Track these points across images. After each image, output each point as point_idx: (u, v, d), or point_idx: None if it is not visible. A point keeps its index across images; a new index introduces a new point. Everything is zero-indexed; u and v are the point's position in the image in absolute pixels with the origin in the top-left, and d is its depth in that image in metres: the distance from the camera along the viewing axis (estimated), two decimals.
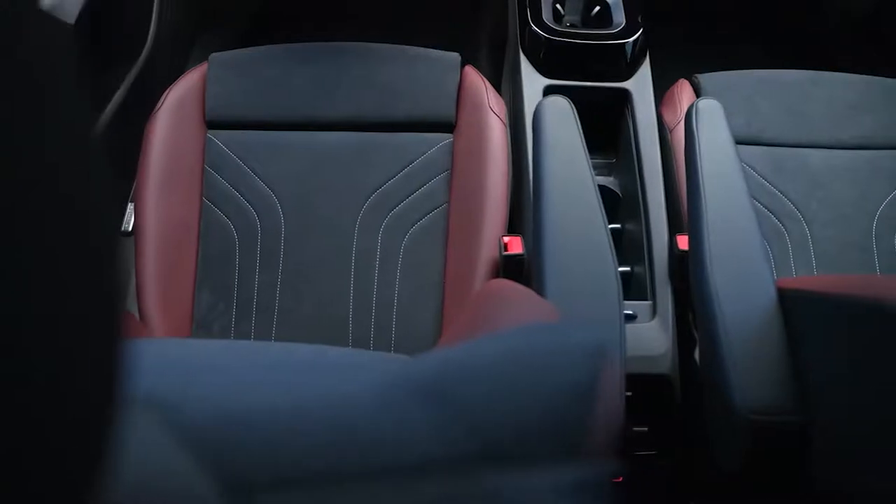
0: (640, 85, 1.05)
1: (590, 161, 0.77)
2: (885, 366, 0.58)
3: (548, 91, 1.04)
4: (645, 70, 1.06)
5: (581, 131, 0.79)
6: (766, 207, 1.02)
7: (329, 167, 1.00)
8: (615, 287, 0.70)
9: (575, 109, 0.81)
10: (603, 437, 0.27)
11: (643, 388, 0.89)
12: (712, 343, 0.69)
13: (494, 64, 1.32)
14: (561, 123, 0.78)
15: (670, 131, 1.02)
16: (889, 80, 1.11)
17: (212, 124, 1.02)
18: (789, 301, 0.71)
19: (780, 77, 1.11)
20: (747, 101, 1.08)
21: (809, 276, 0.95)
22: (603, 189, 1.08)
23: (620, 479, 0.93)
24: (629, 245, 1.02)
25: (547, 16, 1.08)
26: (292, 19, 1.47)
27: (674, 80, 1.11)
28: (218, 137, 1.01)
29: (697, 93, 1.08)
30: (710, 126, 0.81)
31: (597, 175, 1.10)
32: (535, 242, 0.74)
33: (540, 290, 0.70)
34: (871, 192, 1.05)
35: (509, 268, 0.86)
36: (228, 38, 1.38)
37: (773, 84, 1.10)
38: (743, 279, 0.71)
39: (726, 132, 0.82)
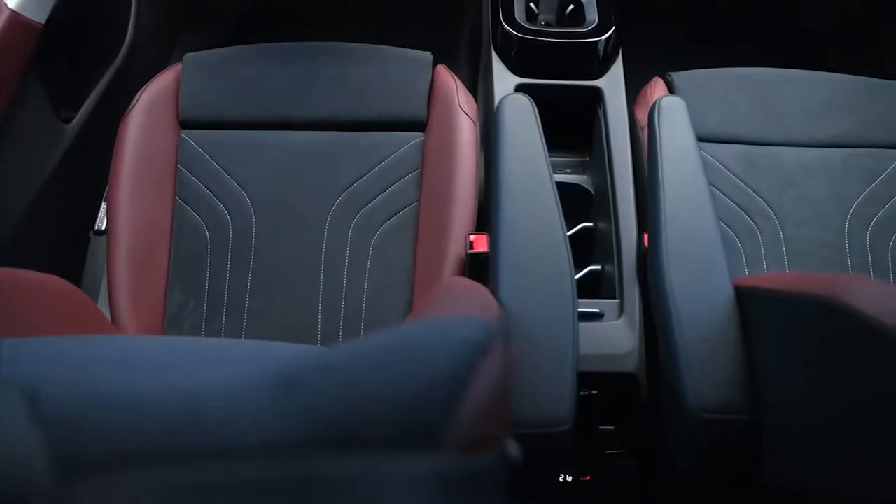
0: (612, 83, 1.05)
1: (548, 159, 0.77)
2: (836, 364, 0.58)
3: (519, 90, 1.04)
4: (617, 68, 1.06)
5: (541, 129, 0.79)
6: (738, 206, 1.02)
7: (301, 167, 1.01)
8: (569, 286, 0.70)
9: (535, 107, 0.81)
10: (476, 429, 0.27)
11: (609, 386, 0.90)
12: (667, 341, 0.69)
13: (474, 64, 1.32)
14: (521, 121, 0.78)
15: (642, 129, 1.02)
16: (864, 79, 1.11)
17: (185, 124, 1.02)
18: (745, 299, 0.71)
19: (755, 75, 1.10)
20: (721, 99, 1.07)
21: (767, 275, 0.94)
22: (576, 187, 1.09)
23: (588, 477, 0.93)
24: (601, 243, 1.02)
25: (519, 15, 1.08)
26: (275, 20, 1.48)
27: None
28: (191, 137, 1.02)
29: (671, 91, 1.07)
30: (672, 124, 0.81)
31: (570, 173, 1.11)
32: (491, 240, 0.74)
33: (494, 288, 0.70)
34: (845, 190, 1.04)
35: (474, 265, 0.86)
36: (212, 40, 1.38)
37: (748, 82, 1.09)
38: (699, 278, 0.71)
39: (689, 130, 0.82)
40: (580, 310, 0.92)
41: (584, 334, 0.90)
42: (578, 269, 1.02)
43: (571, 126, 1.10)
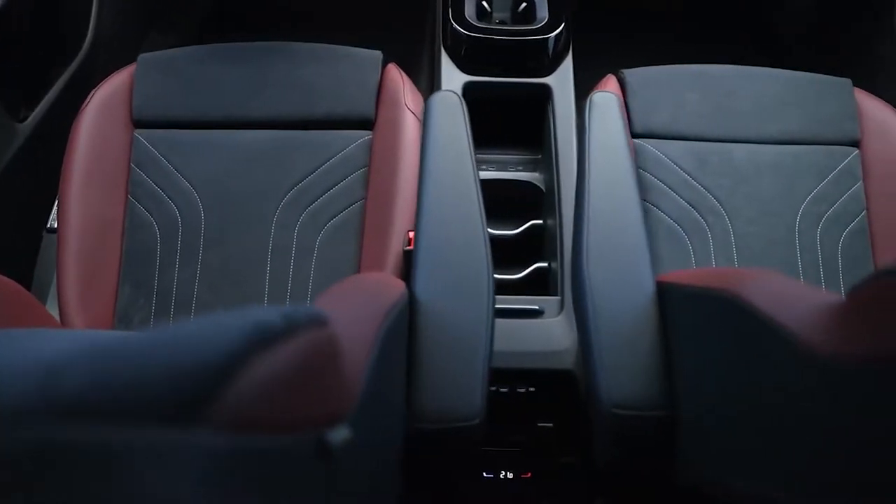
0: (561, 80, 1.05)
1: (474, 156, 0.77)
2: (739, 361, 0.58)
3: (467, 87, 1.05)
4: (567, 65, 1.06)
5: (468, 126, 0.79)
6: (688, 203, 1.02)
7: (251, 165, 1.02)
8: (485, 282, 0.70)
9: (465, 104, 0.81)
10: (253, 410, 0.28)
11: (547, 383, 0.90)
12: (584, 337, 0.70)
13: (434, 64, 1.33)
14: (448, 118, 0.79)
15: None
16: (817, 75, 1.10)
17: (139, 123, 1.04)
18: (665, 296, 0.71)
19: (708, 72, 1.10)
20: (673, 95, 1.07)
21: (688, 270, 0.94)
22: (528, 185, 1.09)
23: (529, 474, 0.93)
24: (549, 240, 1.03)
25: (469, 13, 1.08)
26: (244, 20, 1.49)
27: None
28: (144, 136, 1.03)
29: (623, 88, 1.07)
30: (603, 120, 0.81)
31: (522, 171, 1.11)
32: (414, 236, 0.75)
33: (413, 284, 0.71)
34: (796, 187, 1.04)
35: (408, 262, 0.86)
36: (179, 40, 1.39)
37: (700, 79, 1.09)
38: (620, 274, 0.71)
39: (620, 126, 0.82)
40: (520, 307, 0.92)
41: (524, 331, 0.91)
42: (526, 267, 1.02)
43: (524, 123, 1.10)
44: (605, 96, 0.83)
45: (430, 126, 0.78)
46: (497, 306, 0.94)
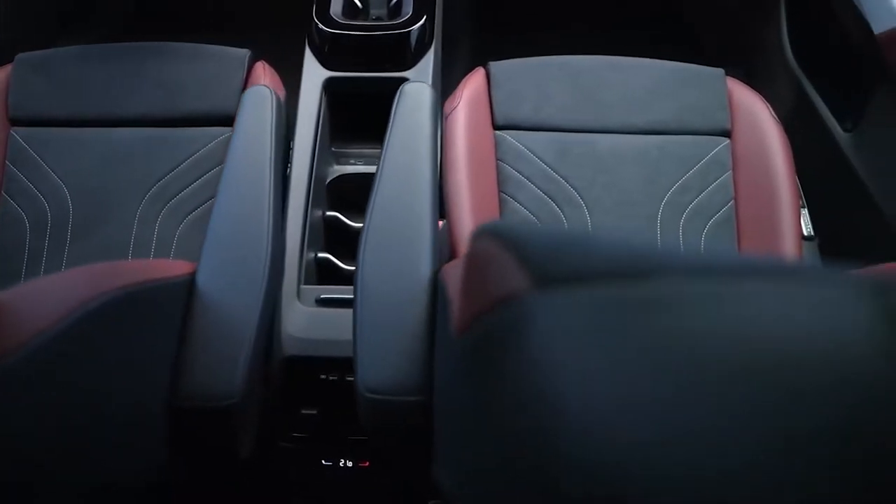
0: (421, 74, 1.06)
1: (275, 148, 0.79)
2: (441, 343, 0.58)
3: (328, 83, 1.06)
4: (428, 59, 1.07)
5: (275, 119, 0.81)
6: (545, 193, 1.02)
7: (118, 163, 1.05)
8: (262, 268, 0.71)
9: (276, 98, 0.83)
10: None
11: None
12: (353, 321, 0.70)
13: None
14: (255, 111, 0.80)
15: (445, 118, 1.03)
16: (686, 65, 1.09)
17: (15, 121, 1.07)
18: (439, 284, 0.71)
19: (576, 63, 1.09)
20: (538, 87, 1.07)
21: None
22: None
23: (367, 463, 0.94)
24: None
25: (336, 10, 1.09)
26: (156, 23, 1.52)
27: None
28: (19, 134, 1.07)
29: (489, 80, 1.07)
30: (409, 110, 0.82)
31: None
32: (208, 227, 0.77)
33: (197, 269, 0.73)
34: (660, 177, 1.03)
35: None
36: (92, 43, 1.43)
37: (568, 70, 1.08)
38: (395, 262, 0.72)
39: (426, 117, 0.82)
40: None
41: None
42: None
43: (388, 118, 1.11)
44: (416, 87, 0.83)
45: (238, 121, 0.80)
46: (335, 296, 0.96)
